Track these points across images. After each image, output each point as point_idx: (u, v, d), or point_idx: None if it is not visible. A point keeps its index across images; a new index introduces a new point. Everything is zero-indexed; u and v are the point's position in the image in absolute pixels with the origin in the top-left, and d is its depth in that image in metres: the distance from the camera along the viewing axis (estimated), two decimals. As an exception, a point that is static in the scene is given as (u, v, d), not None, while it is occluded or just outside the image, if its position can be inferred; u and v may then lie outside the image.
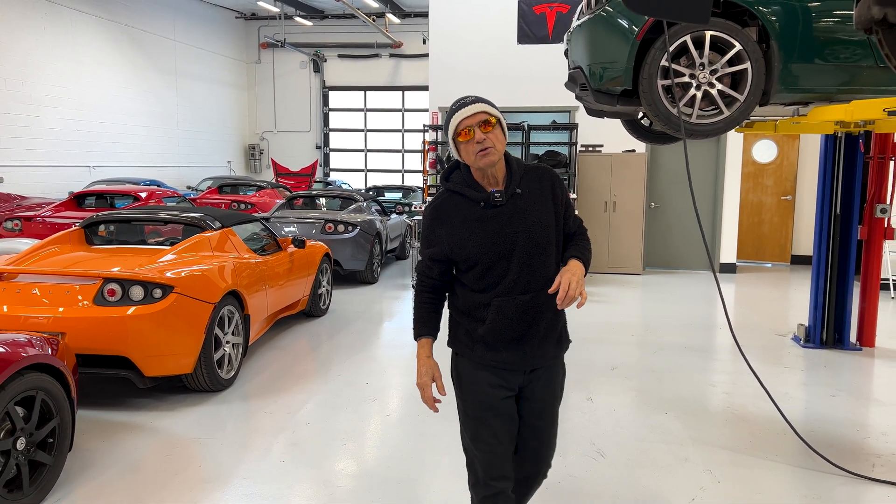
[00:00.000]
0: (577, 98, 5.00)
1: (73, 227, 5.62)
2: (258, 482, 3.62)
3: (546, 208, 2.35)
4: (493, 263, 2.29)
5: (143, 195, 9.94)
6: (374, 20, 19.28)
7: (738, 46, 4.07)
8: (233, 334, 5.14)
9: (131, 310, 4.35)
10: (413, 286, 9.37)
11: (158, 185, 14.54)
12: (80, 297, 4.37)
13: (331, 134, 23.14)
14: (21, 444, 3.19)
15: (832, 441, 4.27)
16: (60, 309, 4.32)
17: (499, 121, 2.31)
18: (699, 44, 4.13)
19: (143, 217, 5.60)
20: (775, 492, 3.60)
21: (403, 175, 22.63)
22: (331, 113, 23.05)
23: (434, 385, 2.38)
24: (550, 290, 2.18)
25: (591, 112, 5.53)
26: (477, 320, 2.36)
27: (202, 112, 20.56)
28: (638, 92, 4.24)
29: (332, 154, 23.23)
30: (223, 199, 13.27)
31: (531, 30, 10.96)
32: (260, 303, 5.64)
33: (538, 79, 10.94)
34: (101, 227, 5.90)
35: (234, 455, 3.95)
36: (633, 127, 5.65)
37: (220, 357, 4.94)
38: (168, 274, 4.52)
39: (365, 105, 22.83)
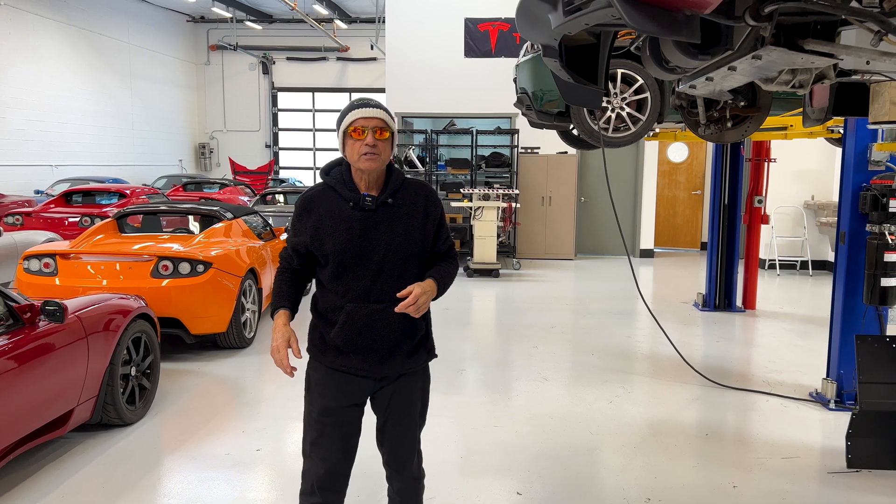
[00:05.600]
0: (523, 114, 6.43)
1: (108, 219, 6.71)
2: (299, 400, 4.89)
3: (414, 223, 2.36)
4: (348, 265, 2.31)
5: (128, 192, 10.90)
6: (322, 25, 20.38)
7: (640, 80, 5.58)
8: (251, 303, 6.37)
9: (182, 281, 5.55)
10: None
11: (123, 184, 15.32)
12: (140, 272, 5.54)
13: (280, 133, 24.08)
14: (133, 371, 4.40)
15: (713, 368, 5.84)
16: (101, 283, 5.48)
17: (392, 134, 2.34)
18: (613, 78, 5.62)
19: (172, 210, 6.75)
20: (669, 397, 5.13)
21: (351, 173, 23.75)
22: (280, 113, 23.99)
23: (290, 350, 2.35)
24: (400, 294, 2.27)
25: (533, 124, 6.95)
26: (330, 324, 2.37)
27: (155, 112, 21.21)
28: (569, 113, 5.69)
29: (281, 153, 24.17)
30: (190, 196, 14.23)
31: (476, 45, 12.41)
32: (268, 279, 6.87)
33: (484, 88, 12.38)
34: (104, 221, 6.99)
35: (272, 385, 5.22)
36: (566, 136, 7.13)
37: (244, 320, 6.16)
38: (211, 252, 5.74)
39: (313, 106, 23.86)
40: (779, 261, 11.09)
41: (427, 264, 2.45)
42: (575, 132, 7.11)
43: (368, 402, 2.51)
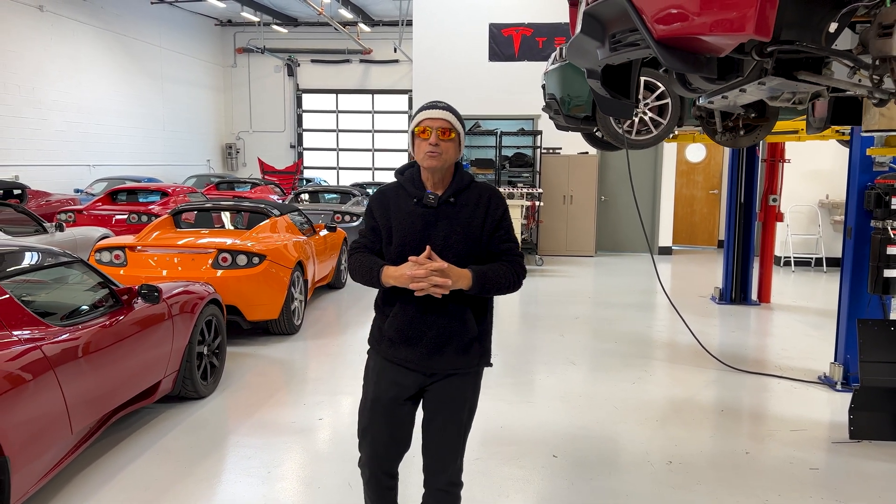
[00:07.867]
0: (551, 118, 6.89)
1: (165, 216, 7.25)
2: (349, 379, 5.41)
3: (474, 222, 2.45)
4: (407, 257, 2.40)
5: (170, 191, 11.49)
6: (346, 28, 20.92)
7: (662, 87, 6.02)
8: (299, 293, 6.88)
9: (239, 272, 6.07)
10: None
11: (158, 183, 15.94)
12: (200, 263, 6.07)
13: (304, 134, 24.67)
14: (206, 350, 4.92)
15: (729, 354, 6.26)
16: (162, 273, 6.01)
17: (458, 135, 2.44)
18: (636, 85, 6.07)
19: (227, 207, 7.28)
20: (687, 378, 5.58)
21: (374, 172, 24.33)
22: (304, 114, 24.58)
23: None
24: (434, 260, 2.35)
25: (560, 127, 7.41)
26: (385, 315, 2.50)
27: (184, 114, 21.87)
28: (595, 117, 6.15)
29: (305, 153, 24.77)
30: (224, 194, 14.82)
31: (500, 49, 12.87)
32: (312, 271, 7.39)
33: (507, 91, 12.85)
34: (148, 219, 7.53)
35: (321, 366, 5.72)
36: (590, 138, 7.58)
37: (293, 308, 6.68)
38: (265, 246, 6.25)
39: (337, 107, 24.42)
40: (794, 258, 11.46)
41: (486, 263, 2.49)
42: (599, 134, 7.57)
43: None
